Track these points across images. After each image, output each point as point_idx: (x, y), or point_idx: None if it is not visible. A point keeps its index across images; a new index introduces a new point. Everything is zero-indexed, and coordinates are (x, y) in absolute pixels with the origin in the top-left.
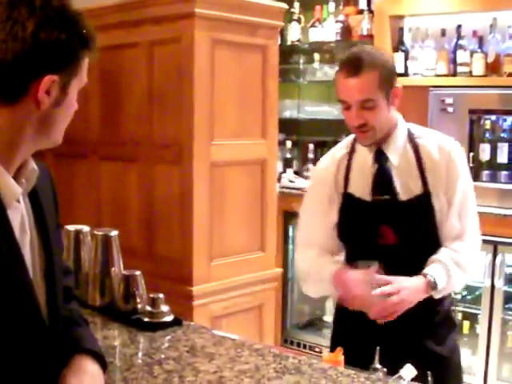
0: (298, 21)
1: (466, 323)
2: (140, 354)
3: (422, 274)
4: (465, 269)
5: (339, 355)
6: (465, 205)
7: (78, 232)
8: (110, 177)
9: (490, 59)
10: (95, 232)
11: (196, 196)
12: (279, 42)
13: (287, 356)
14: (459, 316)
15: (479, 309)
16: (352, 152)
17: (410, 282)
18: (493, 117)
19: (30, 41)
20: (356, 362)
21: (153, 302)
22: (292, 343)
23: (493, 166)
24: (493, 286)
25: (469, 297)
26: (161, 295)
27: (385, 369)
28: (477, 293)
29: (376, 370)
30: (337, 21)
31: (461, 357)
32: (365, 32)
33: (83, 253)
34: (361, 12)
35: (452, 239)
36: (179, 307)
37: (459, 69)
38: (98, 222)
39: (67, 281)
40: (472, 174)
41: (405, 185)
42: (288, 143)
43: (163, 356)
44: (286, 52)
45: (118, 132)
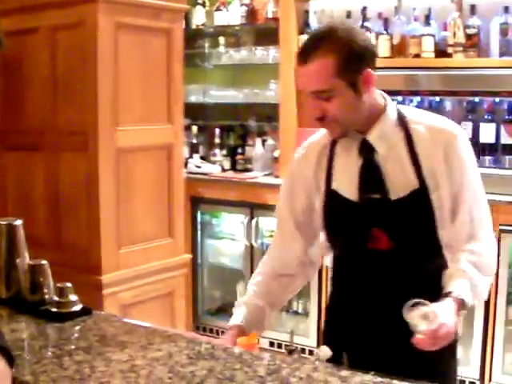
0: (203, 4)
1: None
2: (49, 346)
3: (449, 295)
4: (488, 271)
5: (253, 339)
6: (474, 198)
7: None
8: (15, 166)
9: (396, 41)
10: None
11: (102, 183)
12: (184, 26)
13: (200, 342)
14: None
15: None
16: (335, 141)
17: (446, 312)
18: (399, 97)
19: None
20: (357, 363)
21: (60, 292)
22: (204, 329)
23: None
24: None
25: None
26: (68, 284)
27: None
28: None
29: (290, 352)
30: (242, 4)
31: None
32: (270, 15)
33: None
34: None
35: (466, 240)
36: (89, 297)
37: None
38: (4, 213)
39: None
40: None
41: (397, 180)
42: (194, 128)
43: (73, 347)
44: (191, 36)
45: (22, 120)
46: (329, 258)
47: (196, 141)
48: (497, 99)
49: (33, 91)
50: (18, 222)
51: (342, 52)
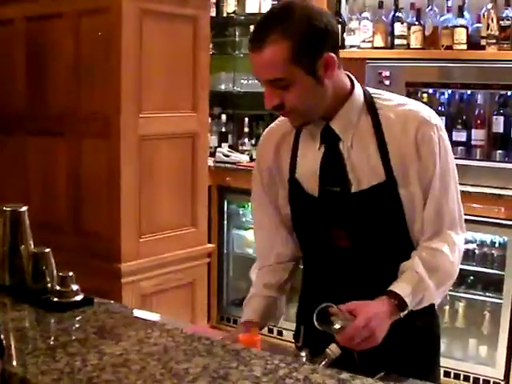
0: None
1: None
2: (45, 337)
3: (388, 294)
4: (442, 277)
5: (255, 335)
6: (445, 193)
7: None
8: (37, 152)
9: (428, 32)
10: (3, 208)
11: (123, 170)
12: (215, 14)
13: (199, 337)
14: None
15: None
16: (300, 129)
17: (375, 308)
18: (430, 90)
19: None
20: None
21: (62, 281)
22: (229, 320)
23: None
24: None
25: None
26: (70, 273)
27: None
28: None
29: (299, 349)
30: None
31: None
32: None
33: None
34: None
35: (429, 235)
36: (107, 284)
37: (396, 41)
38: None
39: None
40: None
41: (361, 172)
42: (223, 117)
43: (69, 338)
44: (222, 24)
45: (45, 106)
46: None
47: (225, 129)
48: None
49: (56, 77)
50: (23, 209)
51: (298, 36)
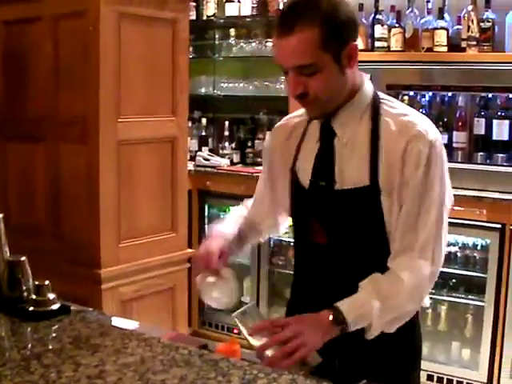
0: None
1: None
2: (20, 347)
3: (330, 307)
4: (397, 305)
5: (234, 344)
6: (421, 210)
7: None
8: (16, 156)
9: (408, 34)
10: None
11: (102, 175)
12: (194, 18)
13: (177, 346)
14: None
15: None
16: (310, 121)
17: (308, 316)
18: (411, 92)
19: None
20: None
21: (38, 290)
22: (210, 325)
23: None
24: None
25: None
26: (46, 282)
27: None
28: None
29: None
30: None
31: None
32: (281, 6)
33: None
34: None
35: (397, 249)
36: (87, 291)
37: (377, 44)
38: (4, 204)
39: None
40: None
41: (347, 171)
42: (203, 121)
43: (44, 349)
44: (202, 27)
45: (23, 110)
46: None
47: (205, 133)
48: (511, 95)
49: (34, 81)
50: None
51: (328, 22)
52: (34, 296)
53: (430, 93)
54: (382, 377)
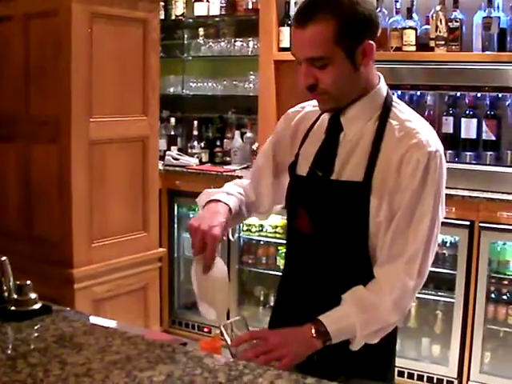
0: None
1: None
2: (4, 347)
3: (313, 320)
4: (379, 318)
5: (217, 341)
6: (412, 222)
7: None
8: None
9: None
10: None
11: (74, 175)
12: (163, 17)
13: (161, 344)
14: None
15: None
16: (322, 113)
17: (288, 330)
18: None
19: None
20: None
21: (20, 290)
22: (180, 324)
23: None
24: None
25: None
26: (28, 282)
27: None
28: None
29: None
30: None
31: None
32: (250, 6)
33: None
34: None
35: (384, 258)
36: (60, 291)
37: None
38: None
39: None
40: None
41: (347, 166)
42: (172, 120)
43: (29, 348)
44: (171, 27)
45: None
46: None
47: (174, 133)
48: (478, 94)
49: (5, 80)
50: None
51: (344, 17)
52: (16, 296)
53: (399, 91)
54: (359, 373)
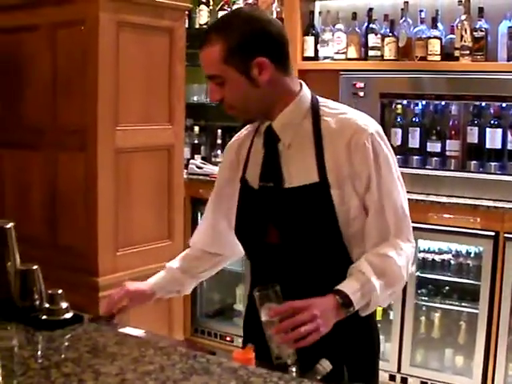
0: (207, 4)
1: (379, 309)
2: (37, 356)
3: (333, 291)
4: (391, 281)
5: (250, 352)
6: (388, 200)
7: None
8: (13, 165)
9: (402, 43)
10: None
11: (100, 184)
12: (187, 26)
13: (195, 355)
14: None
15: None
16: (257, 130)
17: (319, 300)
18: (404, 101)
19: None
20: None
21: (51, 299)
22: (203, 332)
23: (404, 151)
24: None
25: None
26: (59, 291)
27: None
28: None
29: (288, 367)
30: (246, 3)
31: (379, 345)
32: (275, 15)
33: None
34: None
35: (375, 242)
36: (84, 299)
37: (370, 53)
38: (1, 213)
39: None
40: None
41: (295, 171)
42: (196, 129)
43: (62, 357)
44: (195, 36)
45: (21, 119)
46: None
47: (197, 141)
48: (504, 104)
49: (32, 89)
50: (10, 225)
51: (232, 38)
52: (47, 305)
53: (424, 101)
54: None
